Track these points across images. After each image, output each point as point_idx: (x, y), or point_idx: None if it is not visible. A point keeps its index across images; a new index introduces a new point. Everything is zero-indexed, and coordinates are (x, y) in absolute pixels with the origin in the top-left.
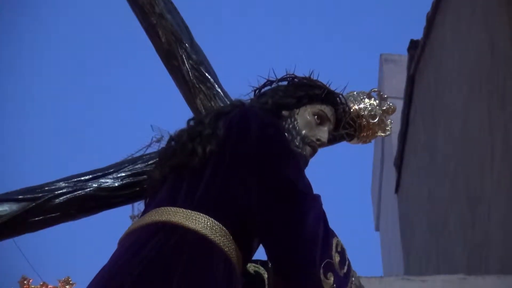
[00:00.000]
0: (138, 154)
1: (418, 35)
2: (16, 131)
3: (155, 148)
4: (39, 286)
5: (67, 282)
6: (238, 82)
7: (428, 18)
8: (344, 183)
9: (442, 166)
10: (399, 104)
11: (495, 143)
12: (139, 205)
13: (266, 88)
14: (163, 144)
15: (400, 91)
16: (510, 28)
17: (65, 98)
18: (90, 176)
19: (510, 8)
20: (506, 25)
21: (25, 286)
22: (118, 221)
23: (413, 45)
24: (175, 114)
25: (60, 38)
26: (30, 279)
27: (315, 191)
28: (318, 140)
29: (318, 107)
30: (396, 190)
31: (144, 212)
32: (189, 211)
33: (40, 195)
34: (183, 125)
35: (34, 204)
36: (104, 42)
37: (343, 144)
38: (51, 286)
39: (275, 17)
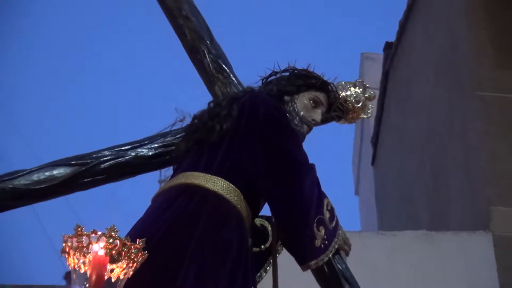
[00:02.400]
0: (167, 130)
1: (392, 37)
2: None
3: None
4: (90, 232)
5: (112, 229)
6: (248, 73)
7: (400, 24)
8: (330, 156)
9: (410, 144)
10: (376, 94)
11: (454, 126)
12: (166, 172)
13: (271, 78)
14: (186, 122)
15: (377, 83)
16: (467, 32)
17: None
18: (129, 146)
19: (468, 17)
20: (464, 30)
21: (79, 232)
22: (151, 182)
23: (388, 46)
24: (198, 98)
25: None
26: (83, 227)
27: (310, 161)
28: (313, 120)
29: (313, 94)
30: (372, 163)
31: (172, 176)
32: (209, 175)
33: (88, 161)
34: (204, 106)
35: (84, 168)
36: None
37: (331, 124)
38: (100, 232)
39: (276, 20)
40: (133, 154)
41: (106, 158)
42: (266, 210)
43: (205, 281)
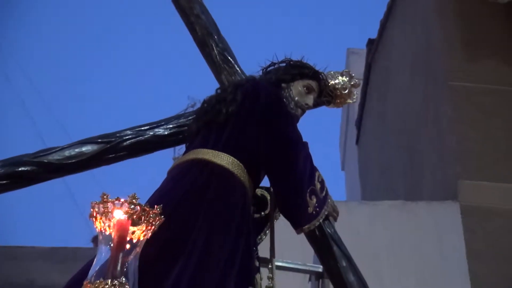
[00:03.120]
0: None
1: (374, 34)
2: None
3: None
4: (114, 199)
5: (133, 197)
6: (249, 63)
7: (381, 23)
8: (320, 136)
9: (389, 127)
10: (360, 83)
11: (428, 111)
12: (180, 150)
13: (270, 68)
14: (197, 107)
15: (361, 74)
16: (440, 30)
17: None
18: (148, 126)
19: (440, 17)
20: (437, 28)
21: (104, 199)
22: (166, 157)
23: (370, 42)
24: (207, 85)
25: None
26: (108, 194)
27: (304, 140)
28: (306, 104)
29: (306, 81)
30: (357, 142)
31: (185, 152)
32: (217, 151)
33: (113, 139)
34: (212, 92)
35: (108, 145)
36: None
37: (321, 108)
38: (123, 199)
39: (274, 19)
40: (151, 133)
41: (128, 137)
42: (265, 182)
43: (212, 244)
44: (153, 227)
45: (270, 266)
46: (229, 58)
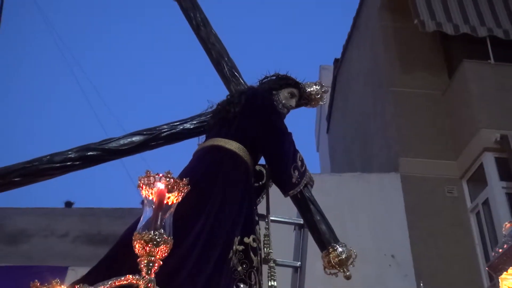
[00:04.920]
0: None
1: (338, 55)
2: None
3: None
4: (155, 174)
5: (169, 172)
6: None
7: (343, 47)
8: (301, 127)
9: (350, 120)
10: (329, 89)
11: (376, 108)
12: (201, 139)
13: (264, 80)
14: (213, 108)
15: (330, 83)
16: (384, 51)
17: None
18: (179, 122)
19: (384, 43)
20: (382, 50)
21: (148, 174)
22: (192, 144)
23: (336, 61)
24: (221, 92)
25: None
26: (151, 171)
27: (289, 131)
28: (290, 105)
29: (290, 89)
30: (327, 132)
31: (205, 140)
32: (227, 139)
33: (154, 131)
34: (224, 97)
35: (151, 136)
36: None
37: (301, 108)
38: (161, 174)
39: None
40: (181, 127)
41: (164, 130)
42: (262, 161)
43: (226, 204)
44: (182, 194)
45: (266, 220)
46: (236, 74)
